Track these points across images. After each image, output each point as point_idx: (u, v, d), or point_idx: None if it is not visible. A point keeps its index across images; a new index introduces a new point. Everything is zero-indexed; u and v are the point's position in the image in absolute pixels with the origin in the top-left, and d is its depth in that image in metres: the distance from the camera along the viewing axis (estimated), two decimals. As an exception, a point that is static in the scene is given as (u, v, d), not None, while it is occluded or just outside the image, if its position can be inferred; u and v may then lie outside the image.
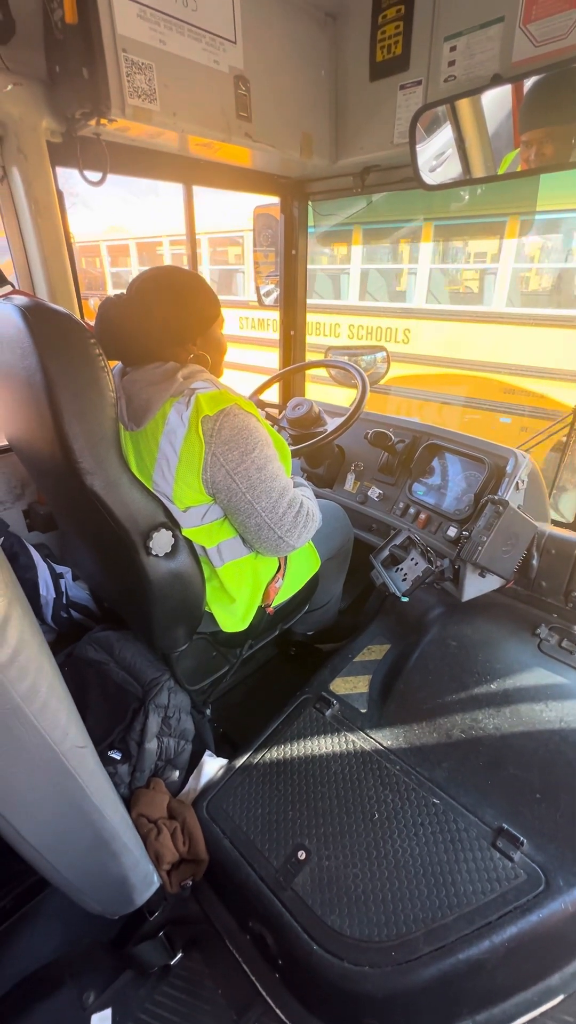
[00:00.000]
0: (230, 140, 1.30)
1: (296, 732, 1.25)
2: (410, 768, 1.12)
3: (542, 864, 0.93)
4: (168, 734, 1.18)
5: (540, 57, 1.13)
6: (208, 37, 1.18)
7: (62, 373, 0.83)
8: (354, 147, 1.53)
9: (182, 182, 1.58)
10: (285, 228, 1.93)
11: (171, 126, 1.17)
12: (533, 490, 1.42)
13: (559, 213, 4.15)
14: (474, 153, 1.39)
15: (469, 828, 1.00)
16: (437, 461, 1.58)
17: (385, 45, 1.35)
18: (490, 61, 1.19)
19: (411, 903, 0.92)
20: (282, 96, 1.38)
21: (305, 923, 0.92)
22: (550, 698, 1.17)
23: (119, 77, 1.05)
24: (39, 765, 0.64)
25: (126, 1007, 0.94)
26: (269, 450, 1.02)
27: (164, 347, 1.01)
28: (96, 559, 1.18)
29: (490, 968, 0.86)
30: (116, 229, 6.97)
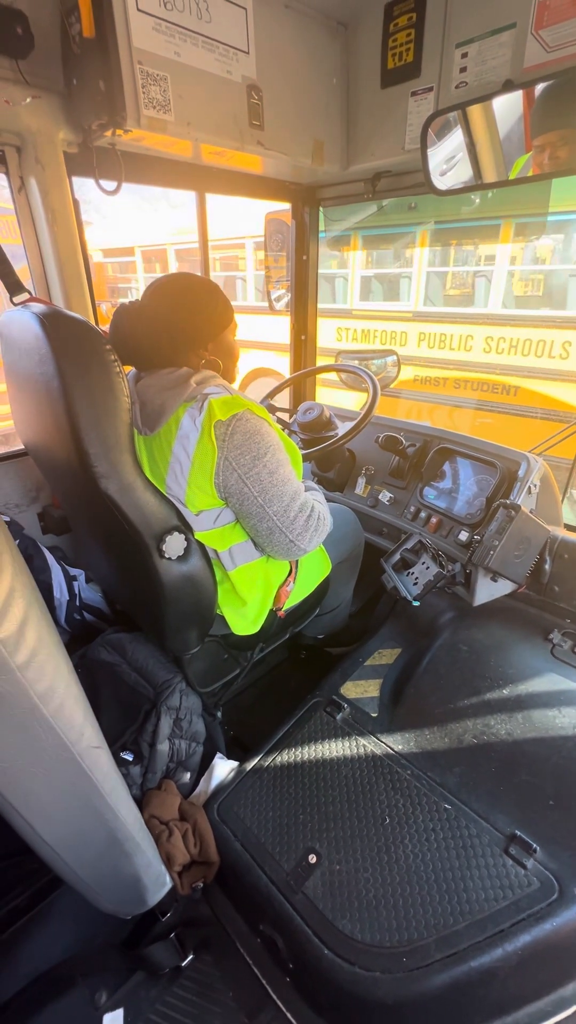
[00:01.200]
0: (243, 148, 1.32)
1: (307, 736, 1.25)
2: (421, 773, 1.12)
3: (555, 872, 0.92)
4: (180, 736, 1.19)
5: (552, 62, 1.14)
6: (222, 48, 1.19)
7: (78, 379, 0.84)
8: (365, 153, 1.54)
9: (195, 190, 1.60)
10: (296, 234, 1.95)
11: (185, 135, 1.19)
12: (545, 494, 1.41)
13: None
14: (485, 158, 1.39)
15: (481, 834, 0.99)
16: (448, 465, 1.58)
17: (396, 52, 1.36)
18: (502, 67, 1.20)
19: (422, 909, 0.91)
20: (294, 104, 1.39)
21: (316, 927, 0.92)
22: (563, 704, 1.16)
23: (135, 88, 1.07)
24: (55, 765, 0.65)
25: (137, 1008, 0.95)
26: (281, 454, 1.03)
27: (176, 353, 1.02)
28: (109, 562, 1.19)
29: (502, 977, 0.85)
30: (186, 232, 6.36)
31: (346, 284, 5.09)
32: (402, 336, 4.71)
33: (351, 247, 4.93)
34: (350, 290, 5.00)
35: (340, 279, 5.20)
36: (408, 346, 4.63)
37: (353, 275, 4.99)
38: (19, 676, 0.58)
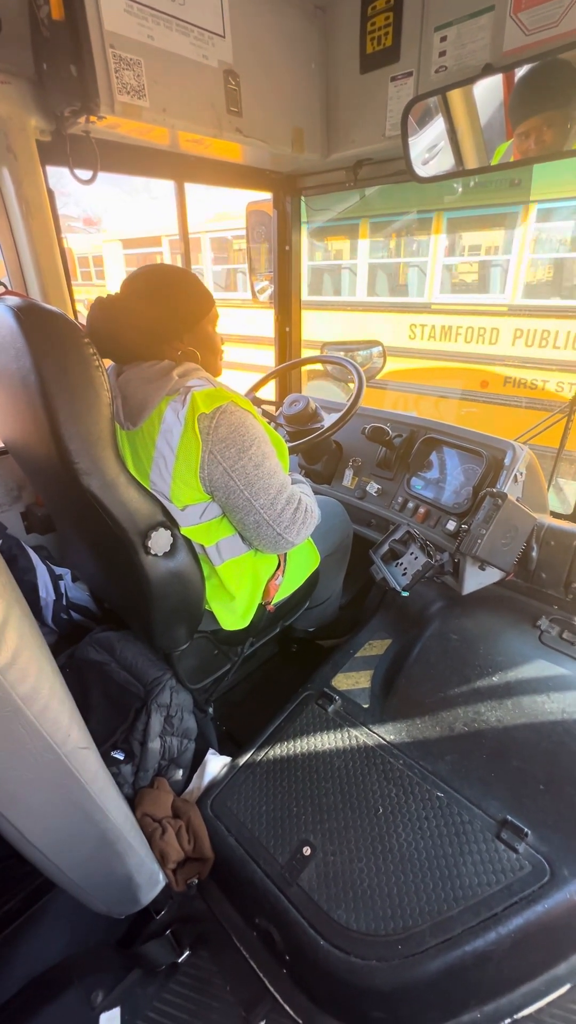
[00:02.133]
0: (221, 136, 1.29)
1: (299, 729, 1.25)
2: (413, 762, 1.12)
3: (547, 855, 0.93)
4: (171, 733, 1.18)
5: (531, 45, 1.13)
6: (196, 31, 1.17)
7: (57, 373, 0.82)
8: (346, 141, 1.52)
9: (173, 179, 1.57)
10: (278, 224, 1.92)
11: (161, 122, 1.16)
12: (531, 482, 1.42)
13: None
14: (467, 144, 1.38)
15: (473, 821, 1.00)
16: (435, 455, 1.58)
17: (375, 37, 1.34)
18: (481, 51, 1.18)
19: (417, 896, 0.92)
20: (272, 90, 1.37)
21: (311, 918, 0.92)
22: (552, 689, 1.17)
23: (107, 74, 1.04)
24: (42, 767, 0.64)
25: (135, 1006, 0.94)
26: (266, 447, 1.02)
27: (153, 345, 1.00)
28: (95, 560, 1.18)
29: (497, 959, 0.86)
30: (224, 217, 6.06)
31: (417, 274, 4.65)
32: (492, 334, 4.19)
33: (433, 230, 4.45)
34: (429, 281, 4.49)
35: (415, 268, 4.69)
36: (500, 344, 4.17)
37: (434, 264, 4.48)
38: (0, 678, 0.56)
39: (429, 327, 4.56)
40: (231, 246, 6.22)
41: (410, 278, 4.81)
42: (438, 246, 4.46)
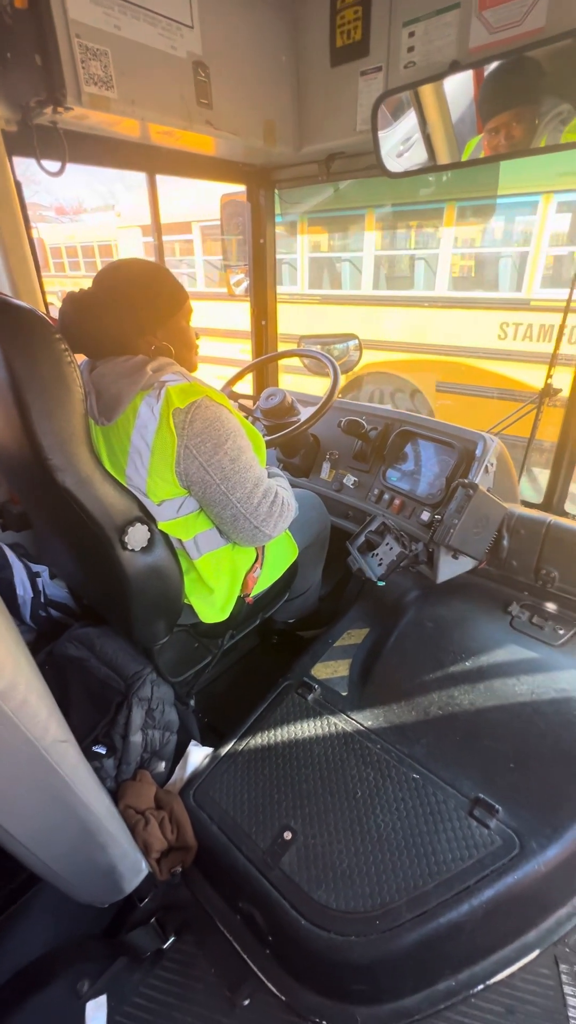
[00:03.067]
0: (191, 128, 1.28)
1: (279, 718, 1.27)
2: (390, 746, 1.16)
3: (516, 829, 0.97)
4: (153, 726, 1.20)
5: (497, 43, 1.15)
6: (164, 21, 1.16)
7: (28, 369, 0.82)
8: (318, 134, 1.52)
9: (145, 171, 1.55)
10: (252, 216, 1.92)
11: (130, 114, 1.15)
12: (502, 472, 1.46)
13: None
14: (438, 139, 1.40)
15: (447, 800, 1.04)
16: (410, 447, 1.61)
17: (345, 30, 1.34)
18: (448, 47, 1.20)
19: (394, 874, 0.96)
20: (243, 82, 1.36)
21: (293, 899, 0.95)
22: (522, 672, 1.22)
23: (73, 64, 1.03)
24: (21, 761, 0.65)
25: (121, 992, 0.96)
26: (242, 441, 1.03)
27: (125, 339, 1.00)
28: (73, 556, 1.17)
29: (469, 929, 0.90)
30: None
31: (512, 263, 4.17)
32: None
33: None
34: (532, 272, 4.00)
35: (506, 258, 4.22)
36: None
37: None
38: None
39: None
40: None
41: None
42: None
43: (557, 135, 1.22)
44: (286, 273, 5.28)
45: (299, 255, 5.10)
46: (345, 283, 4.99)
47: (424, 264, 4.50)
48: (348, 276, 5.02)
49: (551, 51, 1.11)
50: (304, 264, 5.10)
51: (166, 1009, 0.94)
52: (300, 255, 5.08)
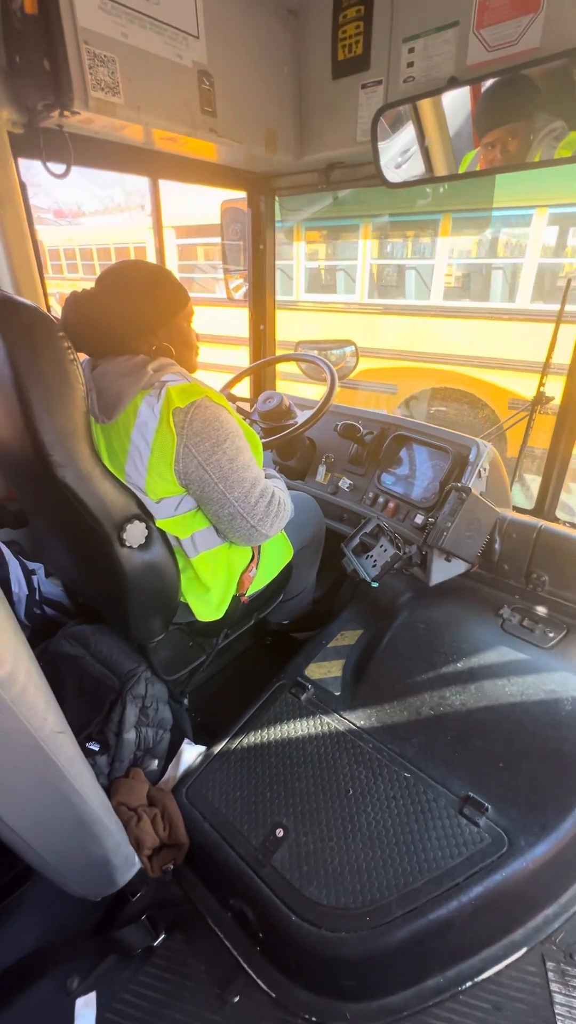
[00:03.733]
0: (195, 135, 1.31)
1: (272, 717, 1.28)
2: (382, 745, 1.17)
3: (505, 827, 0.99)
4: (146, 724, 1.20)
5: (493, 61, 1.18)
6: (171, 31, 1.18)
7: (31, 366, 0.83)
8: (318, 144, 1.55)
9: (148, 176, 1.58)
10: (252, 223, 1.95)
11: (135, 119, 1.17)
12: (495, 478, 1.48)
13: None
14: (436, 152, 1.43)
15: (438, 798, 1.05)
16: (405, 451, 1.63)
17: (346, 44, 1.38)
18: (446, 64, 1.23)
19: (384, 871, 0.97)
20: (246, 91, 1.39)
21: (284, 896, 0.96)
22: (512, 674, 1.24)
23: (81, 69, 1.05)
24: (18, 751, 0.65)
25: (111, 989, 0.96)
26: (240, 441, 1.04)
27: (128, 339, 1.02)
28: (70, 553, 1.18)
29: (458, 926, 0.91)
30: None
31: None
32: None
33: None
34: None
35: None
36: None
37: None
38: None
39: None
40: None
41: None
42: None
43: (551, 151, 1.25)
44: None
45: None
46: (411, 293, 4.65)
47: (503, 274, 4.26)
48: (415, 285, 4.71)
49: (546, 70, 1.15)
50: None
51: (156, 1006, 0.94)
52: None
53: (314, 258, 5.20)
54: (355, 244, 4.81)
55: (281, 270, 5.17)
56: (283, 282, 5.22)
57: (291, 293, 5.20)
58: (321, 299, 5.08)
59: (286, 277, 5.24)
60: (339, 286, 5.06)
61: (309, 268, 5.18)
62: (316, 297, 5.13)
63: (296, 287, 5.10)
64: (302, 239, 5.06)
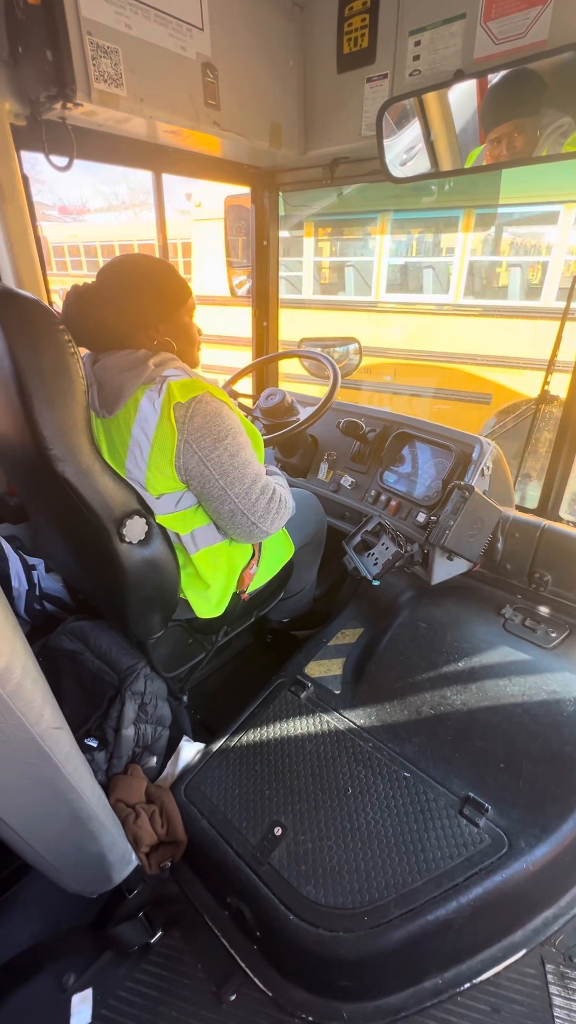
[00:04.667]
0: (198, 128, 1.30)
1: (272, 715, 1.27)
2: (382, 744, 1.16)
3: (505, 828, 0.98)
4: (145, 720, 1.19)
5: (500, 54, 1.17)
6: (175, 23, 1.17)
7: (31, 359, 0.82)
8: (323, 138, 1.54)
9: (151, 170, 1.57)
10: (256, 218, 1.94)
11: (138, 112, 1.17)
12: (498, 476, 1.47)
13: None
14: (442, 147, 1.42)
15: (438, 798, 1.04)
16: (407, 449, 1.62)
17: (352, 37, 1.37)
18: (453, 57, 1.22)
19: (383, 871, 0.96)
20: (250, 85, 1.38)
21: (281, 895, 0.95)
22: (514, 674, 1.23)
23: (84, 61, 1.04)
24: (14, 746, 0.65)
25: (107, 986, 0.96)
26: (241, 437, 1.04)
27: (129, 334, 1.01)
28: (69, 548, 1.17)
29: (457, 927, 0.91)
30: None
31: None
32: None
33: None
34: None
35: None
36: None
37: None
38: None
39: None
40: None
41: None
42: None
43: (558, 147, 1.24)
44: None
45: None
46: (516, 292, 4.15)
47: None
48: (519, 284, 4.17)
49: (553, 65, 1.14)
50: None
51: (152, 1003, 0.94)
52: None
53: (395, 255, 4.64)
54: (438, 237, 4.43)
55: (357, 267, 4.79)
56: (349, 280, 4.85)
57: (368, 291, 4.73)
58: (400, 299, 4.54)
59: (335, 274, 4.93)
60: (426, 285, 4.58)
61: (388, 264, 4.60)
62: (394, 297, 4.59)
63: (376, 287, 4.61)
64: (384, 231, 4.47)
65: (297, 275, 5.14)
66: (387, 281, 4.62)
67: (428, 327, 4.40)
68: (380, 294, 4.65)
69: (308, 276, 5.06)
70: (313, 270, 5.09)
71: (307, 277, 5.10)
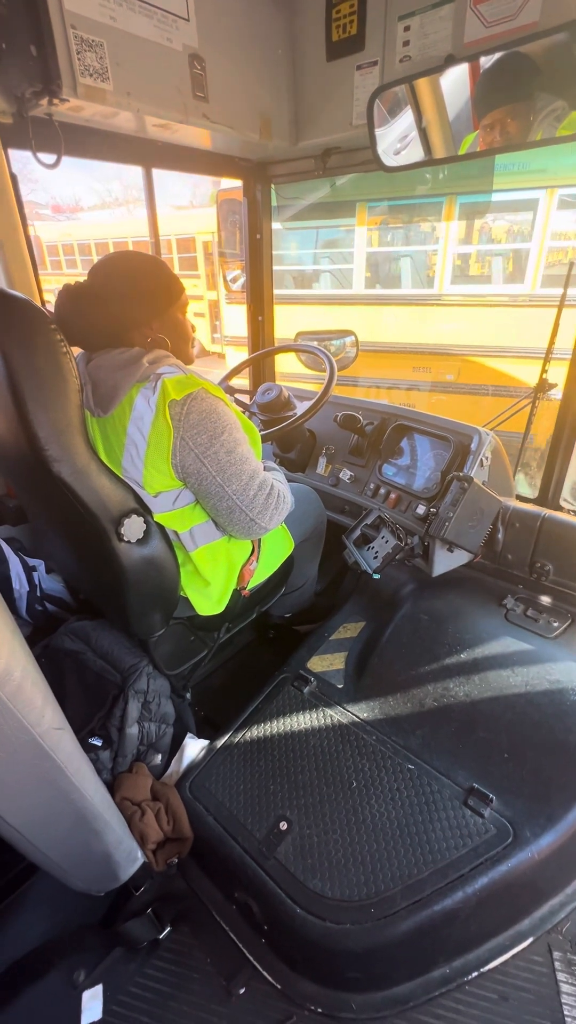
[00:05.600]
0: (187, 121, 1.28)
1: (275, 710, 1.27)
2: (386, 737, 1.16)
3: (510, 818, 0.98)
4: (149, 719, 1.20)
5: (491, 37, 1.15)
6: (160, 14, 1.15)
7: (24, 360, 0.82)
8: (314, 129, 1.52)
9: (141, 165, 1.55)
10: (249, 212, 1.92)
11: (125, 106, 1.15)
12: (497, 466, 1.46)
13: None
14: (434, 135, 1.40)
15: (442, 790, 1.05)
16: (406, 442, 1.62)
17: (340, 24, 1.35)
18: (443, 41, 1.20)
19: (389, 863, 0.96)
20: (239, 76, 1.36)
21: (288, 889, 0.96)
22: (516, 664, 1.23)
23: (69, 55, 1.03)
24: (16, 747, 0.65)
25: (117, 982, 0.96)
26: (238, 433, 1.03)
27: (122, 331, 1.00)
28: (69, 549, 1.17)
29: (464, 917, 0.91)
30: None
31: None
32: None
33: None
34: None
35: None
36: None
37: None
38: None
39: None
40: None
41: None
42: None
43: (552, 131, 1.22)
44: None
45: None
46: None
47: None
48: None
49: (546, 47, 1.12)
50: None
51: (162, 998, 0.95)
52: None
53: (464, 243, 4.19)
54: (519, 218, 4.00)
55: (414, 258, 4.32)
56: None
57: (429, 284, 4.32)
58: (468, 291, 4.10)
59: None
60: (495, 274, 4.19)
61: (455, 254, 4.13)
62: (462, 289, 4.16)
63: (440, 279, 4.22)
64: (451, 217, 4.02)
65: (346, 268, 4.60)
66: (451, 272, 4.18)
67: (499, 320, 4.03)
68: (444, 286, 4.20)
69: (359, 269, 4.54)
70: (364, 262, 4.56)
71: (357, 270, 4.57)
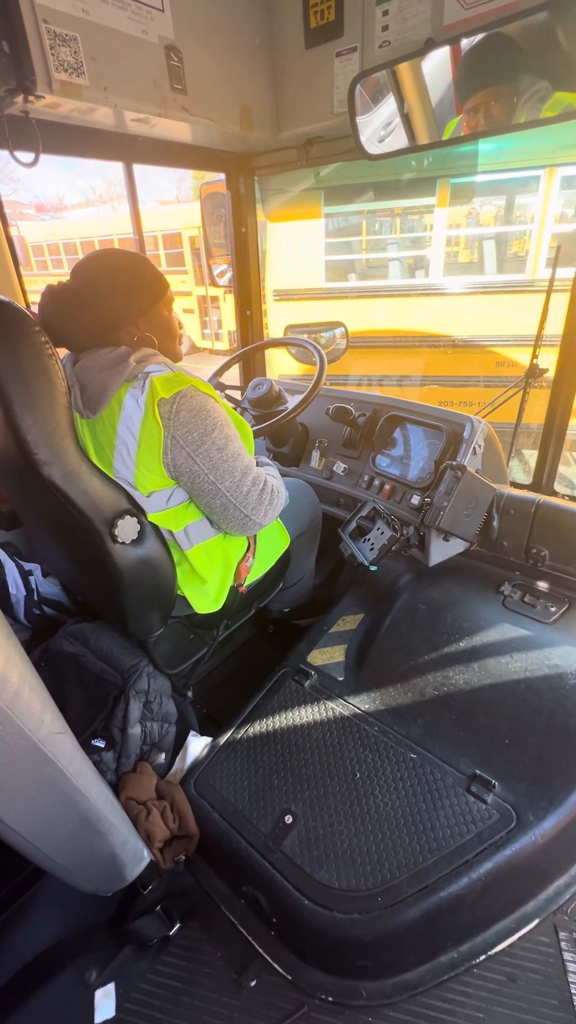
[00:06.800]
0: (166, 114, 1.26)
1: (277, 705, 1.28)
2: (387, 728, 1.17)
3: (513, 803, 0.99)
4: (151, 718, 1.20)
5: (471, 19, 1.14)
6: (134, 5, 1.13)
7: (9, 364, 0.81)
8: (295, 118, 1.50)
9: (121, 160, 1.53)
10: (232, 205, 1.90)
11: (102, 101, 1.13)
12: (490, 454, 1.46)
13: None
14: (417, 121, 1.38)
15: (445, 777, 1.05)
16: (399, 432, 1.61)
17: (318, 10, 1.33)
18: (422, 25, 1.19)
19: (394, 852, 0.97)
20: (217, 66, 1.34)
21: (295, 881, 0.96)
22: (515, 650, 1.23)
23: (42, 50, 1.01)
24: (16, 753, 0.65)
25: (128, 979, 0.97)
26: (229, 430, 1.02)
27: (108, 331, 0.99)
28: (64, 552, 1.17)
29: (470, 902, 0.92)
30: None
31: None
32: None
33: None
34: None
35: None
36: None
37: None
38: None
39: None
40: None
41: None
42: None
43: (536, 113, 1.21)
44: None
45: None
46: None
47: None
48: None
49: (526, 28, 1.11)
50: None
51: (174, 994, 0.96)
52: None
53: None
54: None
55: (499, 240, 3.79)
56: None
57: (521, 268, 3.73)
58: None
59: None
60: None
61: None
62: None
63: (534, 263, 3.64)
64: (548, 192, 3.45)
65: (420, 254, 4.02)
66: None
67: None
68: (537, 271, 3.63)
69: (438, 254, 3.91)
70: (443, 247, 3.91)
71: (436, 256, 3.90)
